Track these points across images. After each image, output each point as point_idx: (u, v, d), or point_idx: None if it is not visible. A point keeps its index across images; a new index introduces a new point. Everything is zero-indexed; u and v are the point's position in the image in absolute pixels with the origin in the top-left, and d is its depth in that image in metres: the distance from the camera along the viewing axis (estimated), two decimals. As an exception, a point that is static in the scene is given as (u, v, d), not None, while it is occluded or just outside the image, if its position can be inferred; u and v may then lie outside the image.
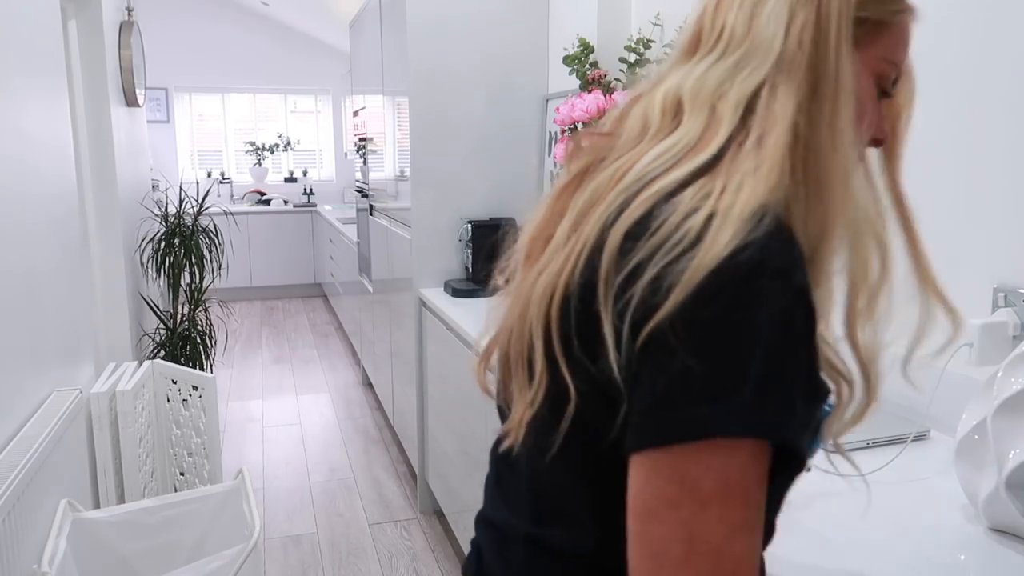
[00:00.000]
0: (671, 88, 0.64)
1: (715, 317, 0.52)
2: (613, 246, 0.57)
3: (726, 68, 0.61)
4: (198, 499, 1.90)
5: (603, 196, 0.62)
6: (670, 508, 0.52)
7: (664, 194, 0.58)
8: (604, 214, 0.60)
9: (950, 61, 1.29)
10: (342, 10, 5.37)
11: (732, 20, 0.62)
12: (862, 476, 0.83)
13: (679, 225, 0.55)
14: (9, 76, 1.64)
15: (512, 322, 0.67)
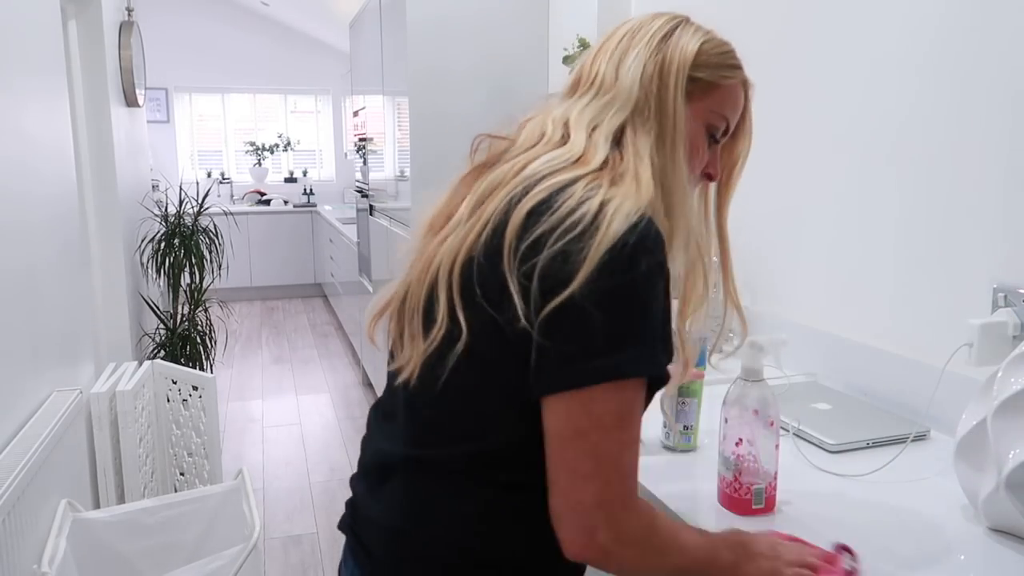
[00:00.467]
0: (559, 114, 0.85)
1: (612, 287, 0.69)
2: (518, 220, 0.74)
3: (600, 105, 0.83)
4: (198, 499, 1.90)
5: (504, 183, 0.80)
6: (580, 435, 0.70)
7: (560, 186, 0.75)
8: (507, 196, 0.77)
9: (949, 61, 1.29)
10: (342, 10, 5.37)
11: (603, 69, 0.84)
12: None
13: (575, 209, 0.72)
14: (9, 76, 1.64)
15: (411, 280, 0.84)
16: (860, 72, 1.49)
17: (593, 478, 0.70)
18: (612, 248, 0.69)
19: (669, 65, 0.83)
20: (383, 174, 3.45)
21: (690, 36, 0.87)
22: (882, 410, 1.37)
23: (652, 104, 0.81)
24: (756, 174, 1.80)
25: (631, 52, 0.84)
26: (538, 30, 2.71)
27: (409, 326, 0.82)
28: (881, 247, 1.46)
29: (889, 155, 1.43)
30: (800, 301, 1.68)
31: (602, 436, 0.70)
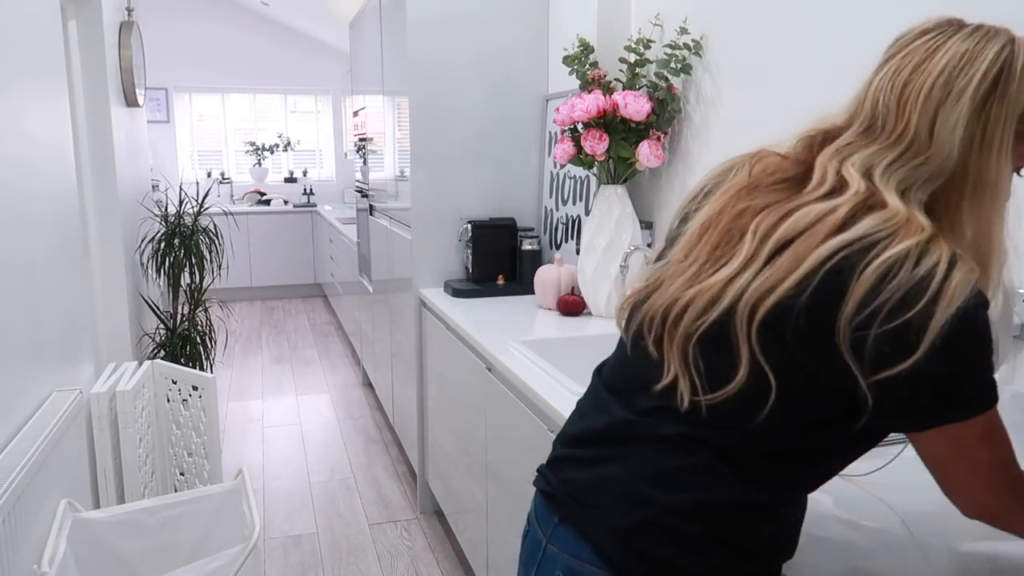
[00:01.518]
0: (862, 164, 0.81)
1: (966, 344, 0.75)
2: (859, 296, 0.73)
3: (913, 166, 0.79)
4: (198, 499, 1.90)
5: (815, 232, 0.78)
6: (958, 455, 0.79)
7: (894, 261, 0.73)
8: (823, 258, 0.76)
9: (950, 61, 1.29)
10: (342, 10, 5.37)
11: (916, 121, 0.79)
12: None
13: (919, 281, 0.72)
14: (9, 76, 1.64)
15: (673, 287, 0.87)
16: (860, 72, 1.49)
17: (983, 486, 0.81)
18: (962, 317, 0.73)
19: (994, 128, 0.78)
20: (383, 174, 3.45)
21: (1020, 70, 0.79)
22: (882, 410, 1.36)
23: (972, 171, 0.79)
24: (756, 174, 1.80)
25: (950, 110, 0.78)
26: (538, 30, 2.71)
27: (678, 344, 0.85)
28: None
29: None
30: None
31: (977, 452, 0.79)
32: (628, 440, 0.90)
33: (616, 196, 2.15)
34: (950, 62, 0.79)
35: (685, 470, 0.85)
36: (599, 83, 2.17)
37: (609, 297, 2.16)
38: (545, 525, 0.95)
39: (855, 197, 0.79)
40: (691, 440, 0.85)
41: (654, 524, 0.85)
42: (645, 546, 0.85)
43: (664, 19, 2.14)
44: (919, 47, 0.84)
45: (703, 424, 0.84)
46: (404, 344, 3.03)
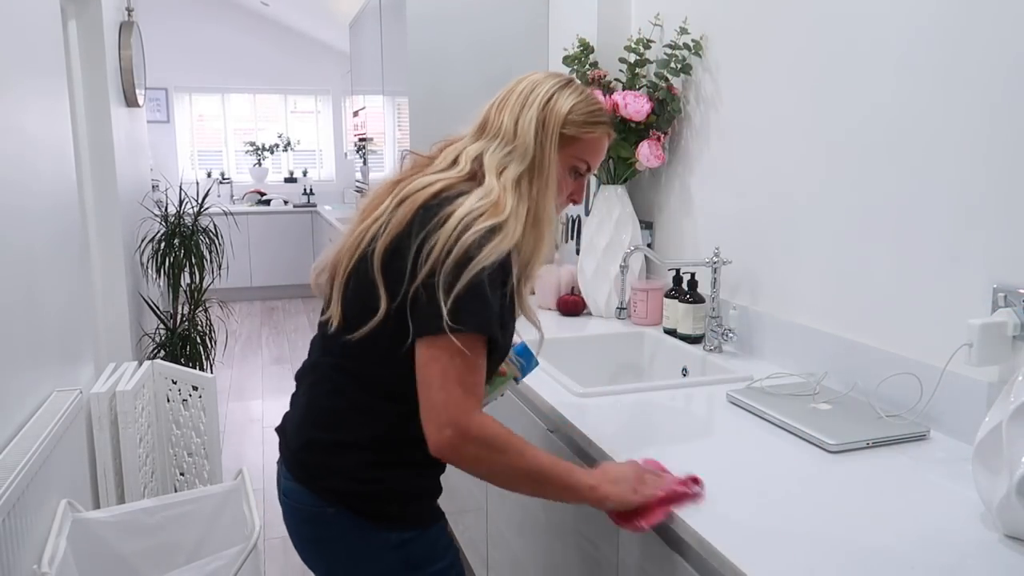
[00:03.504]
0: (473, 150, 1.16)
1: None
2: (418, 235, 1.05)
3: (505, 153, 1.14)
4: (198, 499, 1.90)
5: (416, 196, 1.09)
6: (435, 361, 1.02)
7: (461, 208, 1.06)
8: (414, 210, 1.07)
9: (950, 61, 1.29)
10: (342, 10, 5.37)
11: (507, 121, 1.16)
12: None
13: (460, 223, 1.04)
14: (9, 76, 1.64)
15: (342, 250, 1.13)
16: (860, 71, 1.49)
17: (441, 386, 1.01)
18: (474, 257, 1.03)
19: (549, 124, 1.14)
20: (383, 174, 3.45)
21: (565, 99, 1.16)
22: (882, 410, 1.37)
23: (540, 158, 1.13)
24: (756, 174, 1.80)
25: (526, 112, 1.15)
26: (538, 30, 2.71)
27: (337, 287, 1.12)
28: (881, 247, 1.45)
29: (889, 155, 1.43)
30: (800, 301, 1.68)
31: (448, 363, 1.01)
32: (303, 377, 1.20)
33: (616, 196, 2.15)
34: (527, 87, 1.18)
35: (340, 398, 1.12)
36: (599, 83, 2.17)
37: (609, 297, 2.16)
38: (280, 459, 1.22)
39: (459, 173, 1.13)
40: (332, 367, 1.13)
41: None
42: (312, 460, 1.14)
43: (664, 19, 2.14)
44: (513, 83, 1.22)
45: (343, 353, 1.11)
46: (404, 344, 3.03)
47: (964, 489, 1.08)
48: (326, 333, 1.14)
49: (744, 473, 1.16)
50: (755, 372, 1.64)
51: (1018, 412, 0.93)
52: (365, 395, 1.10)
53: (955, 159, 1.29)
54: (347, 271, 1.11)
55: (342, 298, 1.11)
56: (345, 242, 1.15)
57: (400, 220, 1.06)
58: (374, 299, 1.05)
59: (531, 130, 1.13)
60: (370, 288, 1.06)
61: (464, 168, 1.13)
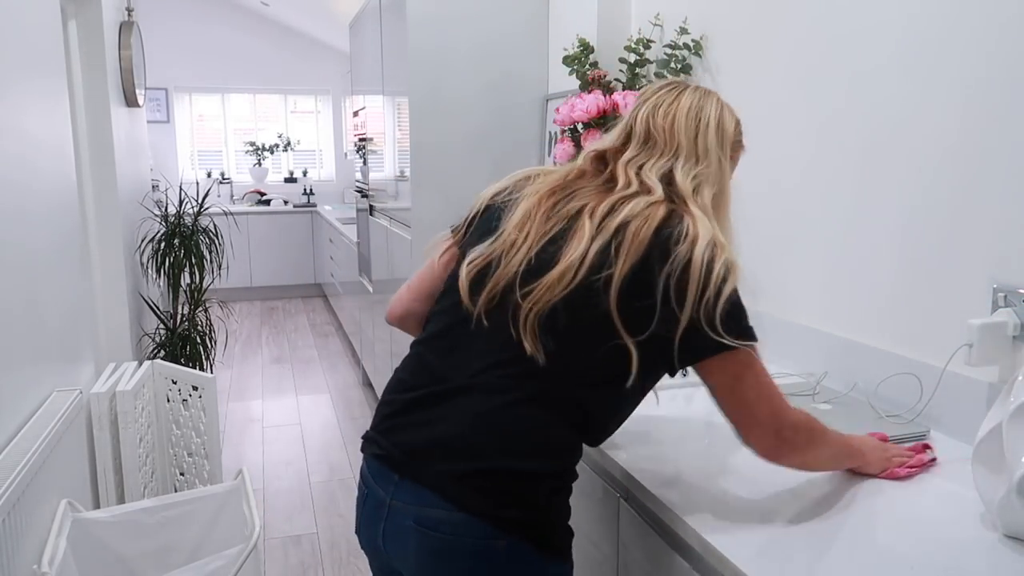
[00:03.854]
0: (660, 167, 1.09)
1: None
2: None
3: (694, 175, 1.08)
4: (198, 499, 1.90)
5: (640, 227, 1.01)
6: (741, 378, 1.04)
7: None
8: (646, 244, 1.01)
9: (949, 61, 1.29)
10: (342, 10, 5.37)
11: (684, 139, 1.10)
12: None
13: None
14: (9, 76, 1.64)
15: (551, 280, 1.01)
16: (859, 72, 1.49)
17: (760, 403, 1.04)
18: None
19: (725, 145, 1.13)
20: (383, 174, 3.45)
21: (729, 118, 1.15)
22: (882, 410, 1.37)
23: (720, 177, 1.11)
24: (757, 175, 1.80)
25: (706, 132, 1.11)
26: (538, 30, 2.71)
27: (533, 316, 1.01)
28: (881, 247, 1.45)
29: (889, 155, 1.43)
30: (800, 301, 1.68)
31: (753, 375, 1.04)
32: (459, 397, 1.05)
33: (616, 196, 2.15)
34: (692, 105, 1.12)
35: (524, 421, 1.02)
36: (599, 83, 2.17)
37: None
38: (383, 484, 1.07)
39: (658, 195, 1.06)
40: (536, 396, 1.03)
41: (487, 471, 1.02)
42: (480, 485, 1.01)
43: (664, 19, 2.14)
44: (663, 94, 1.14)
45: (553, 382, 1.02)
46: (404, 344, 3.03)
47: (964, 489, 1.09)
48: (492, 352, 1.04)
49: (744, 473, 1.16)
50: (755, 372, 1.63)
51: (1018, 412, 0.93)
52: (566, 423, 1.04)
53: (955, 159, 1.29)
54: (552, 301, 1.00)
55: (544, 329, 1.01)
56: (513, 253, 1.06)
57: (635, 255, 0.99)
58: (600, 333, 1.00)
59: (714, 152, 1.11)
60: (597, 322, 0.99)
61: (658, 189, 1.06)
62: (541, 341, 1.00)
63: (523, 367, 1.01)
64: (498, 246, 1.07)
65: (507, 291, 1.03)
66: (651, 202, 1.04)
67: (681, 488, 1.11)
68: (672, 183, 1.07)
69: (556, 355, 1.01)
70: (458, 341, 1.08)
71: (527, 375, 1.01)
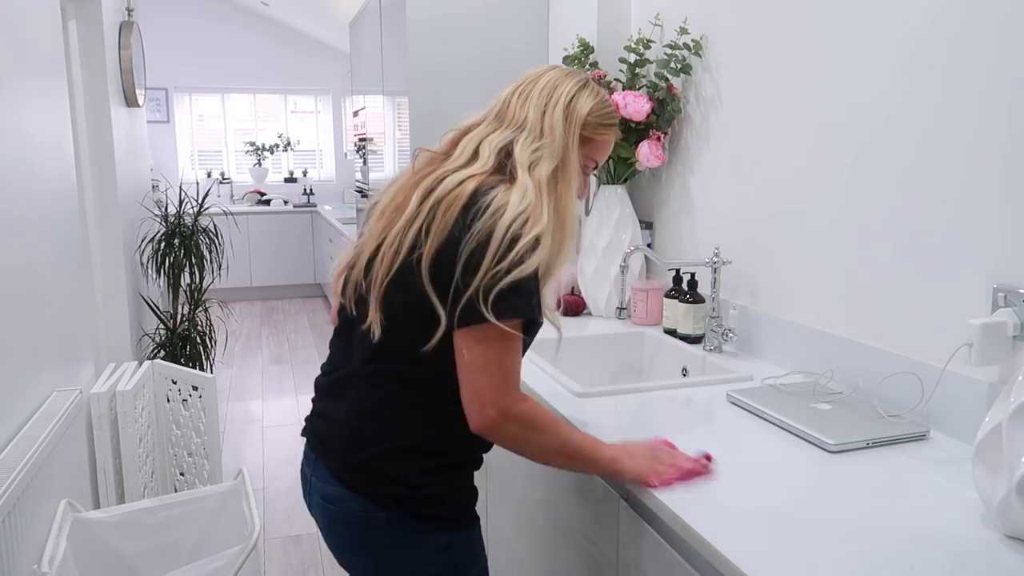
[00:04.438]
0: (497, 140, 1.16)
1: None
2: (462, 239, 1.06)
3: (534, 148, 1.14)
4: (198, 499, 1.90)
5: (452, 200, 1.08)
6: (478, 346, 1.06)
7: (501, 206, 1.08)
8: (455, 216, 1.07)
9: (949, 61, 1.29)
10: (342, 10, 5.37)
11: (532, 115, 1.17)
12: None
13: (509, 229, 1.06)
14: (9, 76, 1.64)
15: (366, 250, 1.16)
16: (859, 71, 1.49)
17: (483, 371, 1.06)
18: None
19: (571, 123, 1.17)
20: (383, 174, 3.45)
21: (585, 100, 1.19)
22: (882, 410, 1.37)
23: (564, 154, 1.15)
24: (756, 174, 1.80)
25: (553, 109, 1.16)
26: (538, 30, 2.71)
27: (375, 296, 1.10)
28: (881, 247, 1.45)
29: (889, 155, 1.43)
30: (800, 301, 1.68)
31: (489, 348, 1.06)
32: (346, 384, 1.17)
33: (616, 196, 2.15)
34: (548, 83, 1.19)
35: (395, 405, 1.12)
36: (599, 83, 2.17)
37: (609, 297, 2.16)
38: (308, 463, 1.21)
39: (484, 167, 1.12)
40: (381, 373, 1.12)
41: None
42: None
43: (664, 19, 2.13)
44: (534, 75, 1.22)
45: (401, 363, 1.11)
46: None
47: (964, 489, 1.08)
48: (364, 341, 1.13)
49: (744, 473, 1.16)
50: (755, 372, 1.63)
51: (1018, 412, 0.93)
52: (420, 397, 1.11)
53: (955, 159, 1.29)
54: (386, 279, 1.09)
55: (383, 307, 1.10)
56: (368, 245, 1.15)
57: (442, 228, 1.06)
58: (425, 307, 1.06)
59: (559, 127, 1.15)
60: (420, 297, 1.06)
61: (488, 160, 1.13)
62: (382, 317, 1.09)
63: (379, 349, 1.11)
64: (360, 242, 1.18)
65: (360, 283, 1.14)
66: (466, 176, 1.10)
67: (681, 488, 1.11)
68: (510, 155, 1.13)
69: (392, 331, 1.09)
70: (346, 331, 1.20)
71: (378, 356, 1.11)
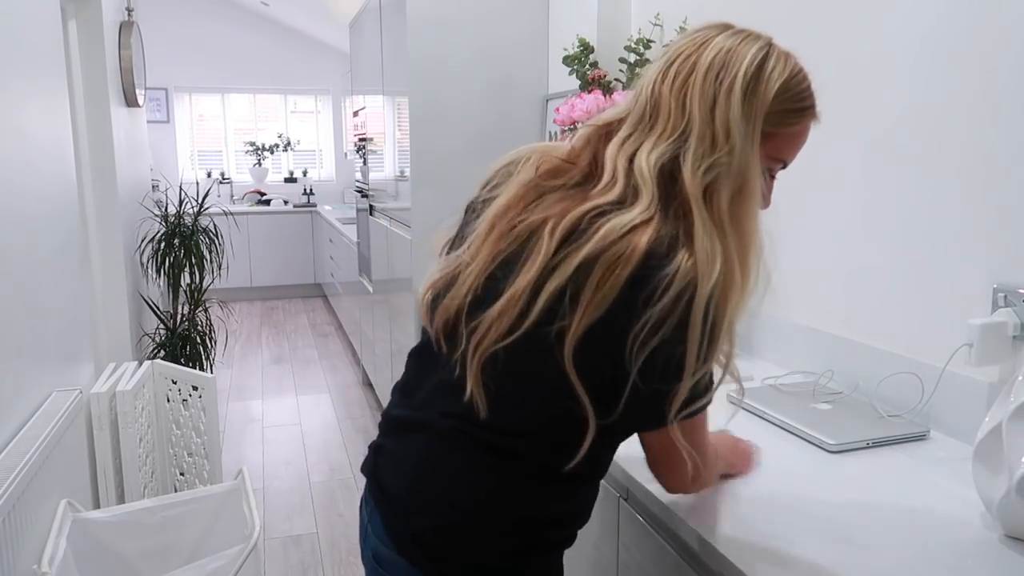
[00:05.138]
0: (654, 158, 0.82)
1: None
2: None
3: (706, 167, 0.81)
4: (198, 499, 1.90)
5: (613, 262, 0.79)
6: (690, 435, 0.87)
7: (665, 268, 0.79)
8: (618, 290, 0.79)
9: (950, 61, 1.29)
10: (342, 10, 5.37)
11: (697, 112, 0.82)
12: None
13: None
14: (9, 76, 1.64)
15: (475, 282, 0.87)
16: (859, 72, 1.49)
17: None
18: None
19: (753, 118, 0.83)
20: (383, 174, 3.45)
21: (774, 76, 0.85)
22: (882, 410, 1.37)
23: (745, 165, 0.82)
24: (756, 174, 1.80)
25: (728, 100, 0.82)
26: (538, 30, 2.71)
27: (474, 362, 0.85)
28: (881, 247, 1.45)
29: (889, 155, 1.43)
30: (800, 301, 1.68)
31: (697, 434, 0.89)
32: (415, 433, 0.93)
33: (616, 196, 2.14)
34: (718, 55, 0.84)
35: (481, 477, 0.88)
36: (599, 83, 2.17)
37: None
38: (367, 506, 0.99)
39: (648, 208, 0.81)
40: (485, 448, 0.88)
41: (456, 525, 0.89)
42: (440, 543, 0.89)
43: (664, 19, 2.13)
44: (687, 44, 0.87)
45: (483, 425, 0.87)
46: (404, 344, 3.03)
47: (964, 489, 1.08)
48: (447, 388, 0.90)
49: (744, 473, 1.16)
50: (755, 372, 1.63)
51: (1018, 412, 0.93)
52: (523, 477, 0.88)
53: (955, 159, 1.29)
54: (499, 343, 0.83)
55: (485, 378, 0.85)
56: (475, 271, 0.88)
57: (599, 302, 0.79)
58: (557, 393, 0.82)
59: (738, 126, 0.81)
60: (553, 379, 0.82)
61: (652, 194, 0.81)
62: (484, 388, 0.85)
63: (466, 410, 0.87)
64: (454, 265, 0.91)
65: (457, 319, 0.88)
66: (631, 225, 0.79)
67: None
68: (675, 179, 0.81)
69: (497, 407, 0.85)
70: (427, 363, 0.96)
71: (470, 420, 0.87)
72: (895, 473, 1.16)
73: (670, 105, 0.84)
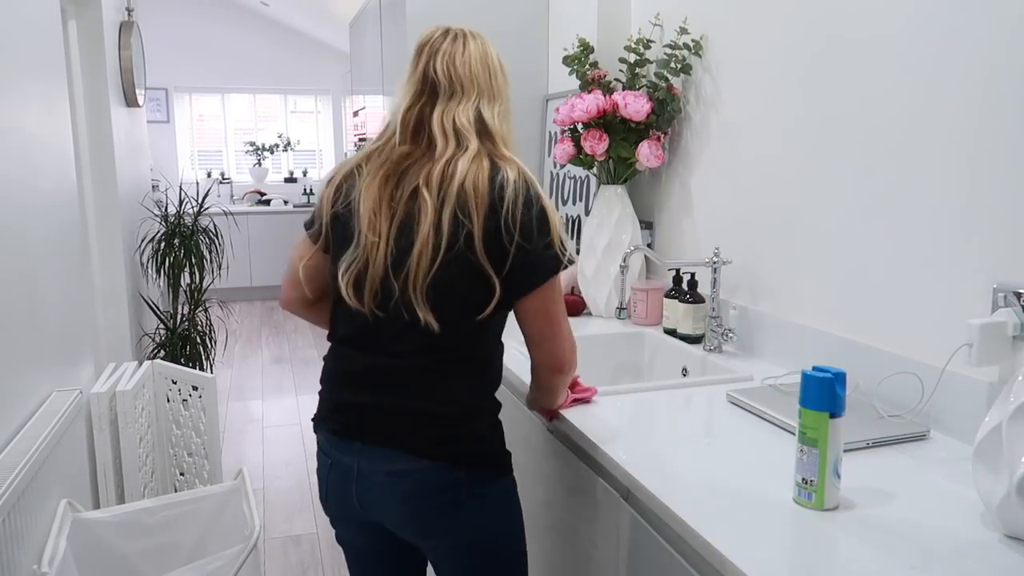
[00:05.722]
0: (463, 114, 1.26)
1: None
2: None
3: (498, 111, 1.32)
4: (198, 499, 1.90)
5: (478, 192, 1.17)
6: (556, 298, 1.25)
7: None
8: (487, 205, 1.17)
9: (949, 61, 1.29)
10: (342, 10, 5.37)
11: (481, 83, 1.32)
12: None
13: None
14: (9, 76, 1.64)
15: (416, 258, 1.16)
16: (859, 71, 1.49)
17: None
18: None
19: (509, 84, 1.39)
20: (383, 174, 3.45)
21: (499, 57, 1.40)
22: (882, 410, 1.36)
23: (508, 106, 1.37)
24: (756, 174, 1.80)
25: (498, 77, 1.36)
26: (538, 30, 2.71)
27: (419, 294, 1.16)
28: (881, 247, 1.45)
29: (889, 155, 1.43)
30: (800, 301, 1.68)
31: (560, 296, 1.26)
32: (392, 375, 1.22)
33: (616, 196, 2.15)
34: (477, 50, 1.35)
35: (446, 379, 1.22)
36: (599, 83, 2.17)
37: (609, 297, 2.16)
38: (349, 453, 1.25)
39: (475, 148, 1.21)
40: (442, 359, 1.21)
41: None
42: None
43: (664, 19, 2.13)
44: (449, 44, 1.35)
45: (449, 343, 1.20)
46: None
47: (964, 489, 1.09)
48: (409, 334, 1.19)
49: (744, 473, 1.16)
50: (755, 372, 1.64)
51: (1018, 412, 0.93)
52: (473, 368, 1.23)
53: (956, 159, 1.29)
54: (430, 273, 1.15)
55: (431, 300, 1.16)
56: (381, 247, 1.18)
57: (484, 208, 1.15)
58: (479, 282, 1.16)
59: (505, 89, 1.35)
60: (473, 274, 1.16)
61: (471, 141, 1.22)
62: (432, 310, 1.16)
63: (426, 337, 1.17)
64: (361, 251, 1.19)
65: (384, 284, 1.18)
66: (472, 156, 1.19)
67: (681, 488, 1.11)
68: (483, 122, 1.25)
69: (443, 319, 1.16)
70: (369, 335, 1.22)
71: (439, 344, 1.19)
72: (895, 473, 1.16)
73: (465, 82, 1.27)
